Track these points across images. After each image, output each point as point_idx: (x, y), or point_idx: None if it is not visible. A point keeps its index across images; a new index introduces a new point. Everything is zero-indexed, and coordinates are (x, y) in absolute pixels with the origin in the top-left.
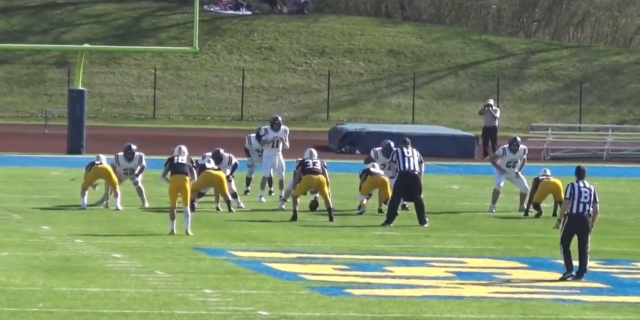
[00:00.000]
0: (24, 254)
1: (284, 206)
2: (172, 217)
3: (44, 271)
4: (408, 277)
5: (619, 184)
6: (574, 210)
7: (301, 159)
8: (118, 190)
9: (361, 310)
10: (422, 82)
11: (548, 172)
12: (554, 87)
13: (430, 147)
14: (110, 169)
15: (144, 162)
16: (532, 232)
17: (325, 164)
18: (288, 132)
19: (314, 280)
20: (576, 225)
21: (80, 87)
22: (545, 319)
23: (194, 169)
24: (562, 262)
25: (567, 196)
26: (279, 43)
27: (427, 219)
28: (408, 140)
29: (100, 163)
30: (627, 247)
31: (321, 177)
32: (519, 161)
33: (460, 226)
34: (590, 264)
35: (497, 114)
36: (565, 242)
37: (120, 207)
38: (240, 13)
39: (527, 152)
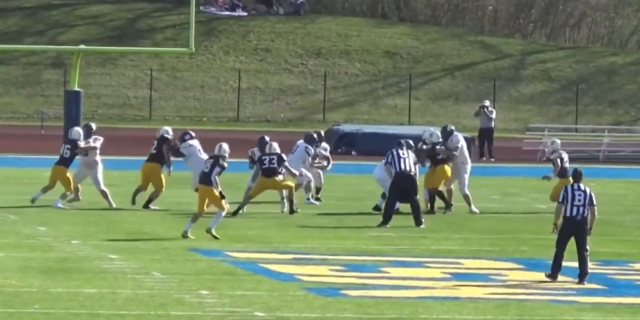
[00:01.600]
0: (20, 255)
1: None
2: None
3: (40, 272)
4: (404, 278)
5: (616, 185)
6: (568, 214)
7: (259, 155)
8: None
9: (357, 311)
10: (418, 83)
11: None
12: (550, 88)
13: None
14: (63, 169)
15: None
16: (528, 233)
17: (285, 157)
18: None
19: (310, 281)
20: (570, 229)
21: (76, 88)
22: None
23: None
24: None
25: (560, 200)
26: (275, 44)
27: (423, 220)
28: (403, 141)
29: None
30: (623, 248)
31: (275, 179)
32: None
33: (456, 227)
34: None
35: (493, 115)
36: (558, 245)
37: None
38: (236, 14)
39: None
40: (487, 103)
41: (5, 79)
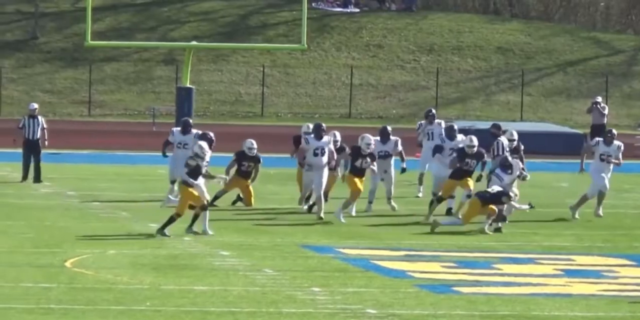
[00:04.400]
0: (131, 252)
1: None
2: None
3: (151, 269)
4: (516, 275)
5: None
6: None
7: (241, 151)
8: None
9: (469, 308)
10: (531, 79)
11: None
12: None
13: (539, 144)
14: None
15: None
16: None
17: (260, 158)
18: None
19: (422, 278)
20: None
21: (188, 85)
22: None
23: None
24: None
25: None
26: (387, 40)
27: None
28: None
29: None
30: None
31: (248, 181)
32: (613, 157)
33: (568, 223)
34: None
35: (606, 111)
36: None
37: None
38: (348, 10)
39: (622, 148)
40: (599, 99)
41: (117, 75)
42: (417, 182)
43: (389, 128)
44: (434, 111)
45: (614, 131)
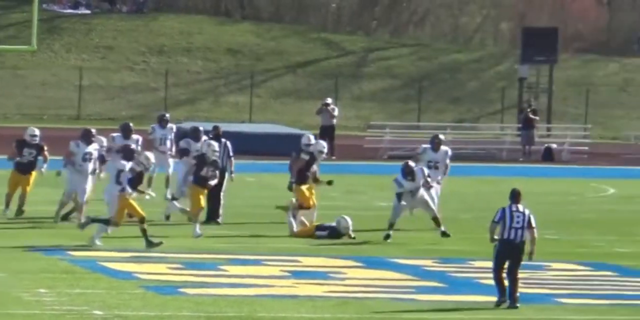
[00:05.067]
0: None
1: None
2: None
3: None
4: (243, 276)
5: (457, 182)
6: (505, 236)
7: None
8: None
9: (196, 309)
10: (260, 81)
11: None
12: (392, 85)
13: (268, 146)
14: None
15: None
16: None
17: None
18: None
19: (149, 279)
20: (508, 252)
21: None
22: (381, 318)
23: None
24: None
25: (496, 219)
26: (118, 42)
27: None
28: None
29: None
30: (463, 246)
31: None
32: (441, 164)
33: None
34: (425, 262)
35: (335, 113)
36: (496, 269)
37: None
38: (79, 12)
39: (449, 154)
40: (329, 100)
41: None
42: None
43: (441, 137)
44: (167, 115)
45: (442, 137)
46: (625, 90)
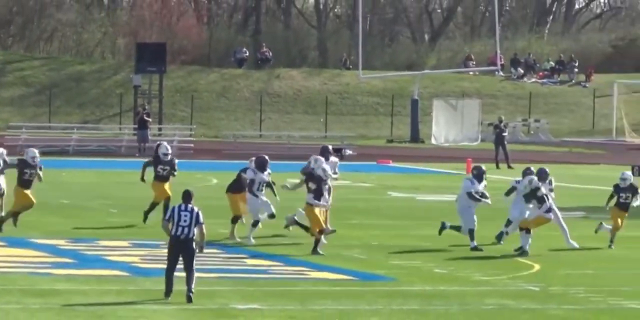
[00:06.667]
0: None
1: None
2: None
3: None
4: None
5: (85, 174)
6: (173, 233)
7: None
8: None
9: None
10: None
11: None
12: (27, 92)
13: None
14: None
15: None
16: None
17: None
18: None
19: None
20: (179, 249)
21: None
22: (21, 289)
23: None
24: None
25: (167, 217)
26: None
27: None
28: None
29: None
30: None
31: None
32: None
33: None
34: (59, 242)
35: None
36: (169, 265)
37: None
38: None
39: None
40: None
41: None
42: None
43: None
44: None
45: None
46: (224, 95)
